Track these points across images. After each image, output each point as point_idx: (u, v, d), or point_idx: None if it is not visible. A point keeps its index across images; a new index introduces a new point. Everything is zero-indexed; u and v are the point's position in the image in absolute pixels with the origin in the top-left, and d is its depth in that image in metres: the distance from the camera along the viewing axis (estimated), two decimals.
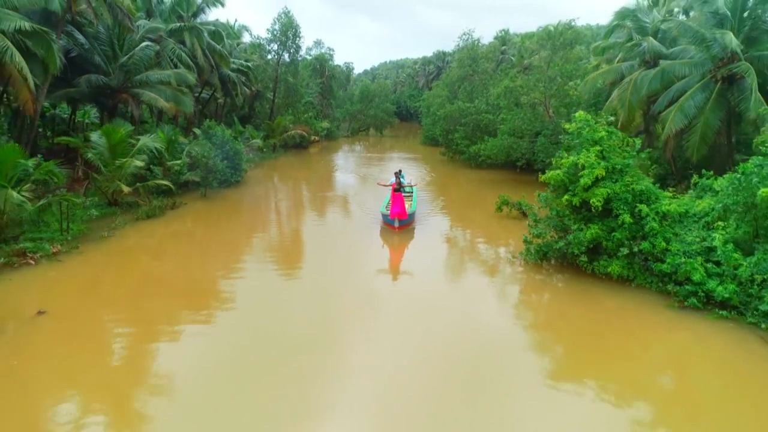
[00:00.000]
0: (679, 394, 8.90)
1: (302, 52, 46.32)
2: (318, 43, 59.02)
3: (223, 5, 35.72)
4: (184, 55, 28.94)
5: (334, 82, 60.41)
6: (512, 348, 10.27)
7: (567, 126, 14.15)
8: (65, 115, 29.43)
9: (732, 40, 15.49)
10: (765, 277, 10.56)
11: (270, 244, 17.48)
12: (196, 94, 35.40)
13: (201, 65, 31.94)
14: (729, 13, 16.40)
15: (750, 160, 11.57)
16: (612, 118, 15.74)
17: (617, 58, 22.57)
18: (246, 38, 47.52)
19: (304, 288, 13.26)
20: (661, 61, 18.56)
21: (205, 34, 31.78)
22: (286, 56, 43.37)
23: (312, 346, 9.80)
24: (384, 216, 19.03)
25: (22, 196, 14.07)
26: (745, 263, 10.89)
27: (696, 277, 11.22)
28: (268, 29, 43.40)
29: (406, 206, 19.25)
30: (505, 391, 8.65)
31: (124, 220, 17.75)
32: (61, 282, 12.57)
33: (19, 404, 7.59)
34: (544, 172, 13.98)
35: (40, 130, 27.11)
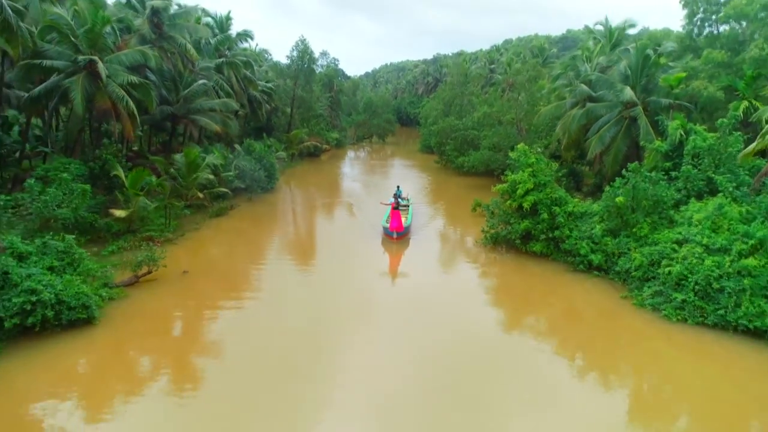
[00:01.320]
0: (566, 315, 15.93)
1: (316, 69, 53.34)
2: (324, 54, 66.05)
3: (252, 38, 42.84)
4: (225, 84, 36.04)
5: (342, 95, 67.36)
6: (477, 302, 17.11)
7: (511, 153, 21.10)
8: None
9: (630, 93, 22.44)
10: (620, 251, 17.49)
11: (295, 240, 24.42)
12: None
13: (236, 90, 38.99)
14: (631, 73, 23.33)
15: (617, 180, 18.54)
16: (540, 150, 22.68)
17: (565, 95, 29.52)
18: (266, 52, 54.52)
19: (318, 282, 18.45)
20: (588, 104, 25.44)
21: (241, 66, 38.83)
22: (301, 77, 50.31)
23: (316, 330, 16.34)
24: (384, 228, 23.12)
25: (147, 200, 21.06)
26: (610, 243, 17.83)
27: (583, 251, 18.16)
28: (287, 56, 50.51)
29: (403, 220, 23.17)
30: (473, 329, 15.62)
31: (202, 217, 24.74)
32: (184, 256, 19.52)
33: (189, 308, 14.61)
34: None
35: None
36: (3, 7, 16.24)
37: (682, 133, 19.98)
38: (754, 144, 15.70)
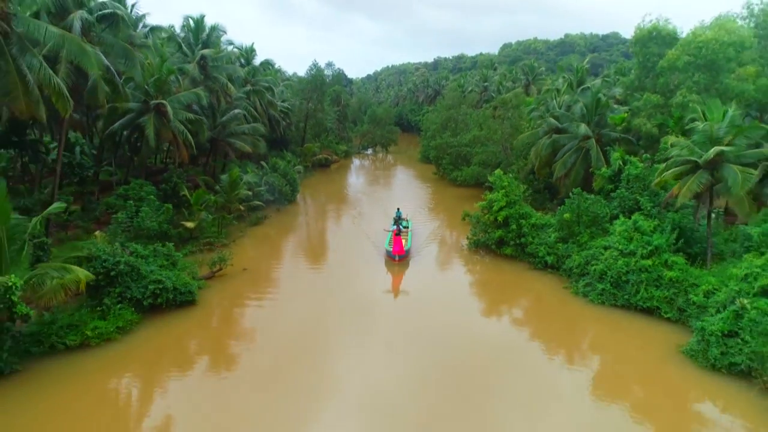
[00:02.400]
0: (528, 301, 22.02)
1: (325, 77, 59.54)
2: (329, 65, 72.25)
3: (273, 66, 48.93)
4: (252, 110, 42.17)
5: (349, 110, 73.49)
6: (463, 293, 23.15)
7: (490, 178, 27.15)
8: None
9: (585, 128, 28.51)
10: (567, 254, 23.54)
11: (316, 247, 30.53)
12: None
13: (259, 112, 45.12)
14: (586, 111, 29.42)
15: (566, 201, 24.61)
16: (516, 170, 28.69)
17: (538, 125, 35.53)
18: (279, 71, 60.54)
19: (334, 282, 24.84)
20: (554, 135, 31.46)
21: (265, 92, 44.97)
22: (314, 97, 56.45)
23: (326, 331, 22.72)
24: (387, 251, 26.18)
25: (207, 213, 27.16)
26: (561, 248, 23.88)
27: (541, 254, 24.22)
28: (302, 78, 56.60)
29: (403, 243, 26.13)
30: (456, 310, 21.71)
31: (244, 226, 30.84)
32: (238, 257, 25.58)
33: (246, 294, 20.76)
34: None
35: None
36: (114, 77, 22.20)
37: (621, 162, 26.01)
38: (658, 179, 21.69)
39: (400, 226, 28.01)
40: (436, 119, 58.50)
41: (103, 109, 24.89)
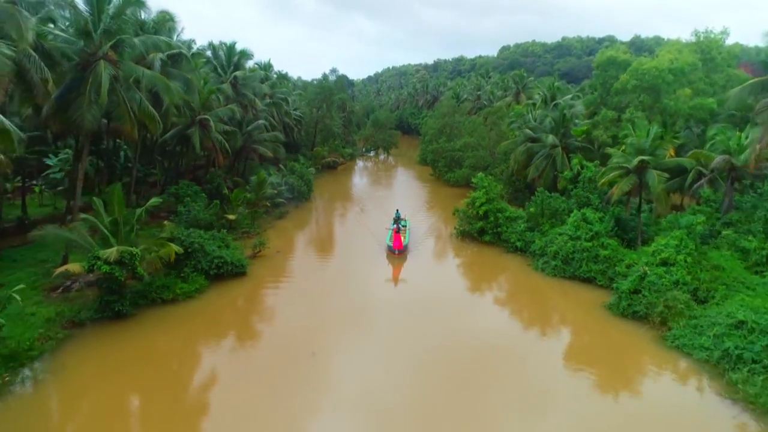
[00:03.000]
0: (502, 276, 28.34)
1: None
2: (334, 71, 78.53)
3: (288, 79, 55.17)
4: (271, 119, 48.43)
5: (353, 116, 79.77)
6: (452, 274, 29.44)
7: (473, 179, 33.37)
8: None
9: (553, 138, 34.73)
10: (532, 240, 29.78)
11: (328, 238, 36.74)
12: None
13: (276, 121, 51.39)
14: (555, 124, 35.70)
15: (532, 198, 30.87)
16: (491, 177, 34.92)
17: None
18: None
19: (338, 280, 31.72)
20: (529, 143, 37.68)
21: (282, 104, 51.25)
22: (323, 107, 62.76)
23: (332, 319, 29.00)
24: (388, 246, 31.26)
25: (243, 208, 33.42)
26: (528, 235, 30.15)
27: (513, 240, 30.50)
28: (308, 84, 62.79)
29: (402, 239, 31.07)
30: (450, 292, 28.03)
31: (270, 219, 37.08)
32: (270, 243, 31.84)
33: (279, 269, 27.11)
34: None
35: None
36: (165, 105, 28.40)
37: (579, 167, 32.25)
38: (601, 181, 27.90)
39: (399, 225, 32.72)
40: (434, 125, 64.86)
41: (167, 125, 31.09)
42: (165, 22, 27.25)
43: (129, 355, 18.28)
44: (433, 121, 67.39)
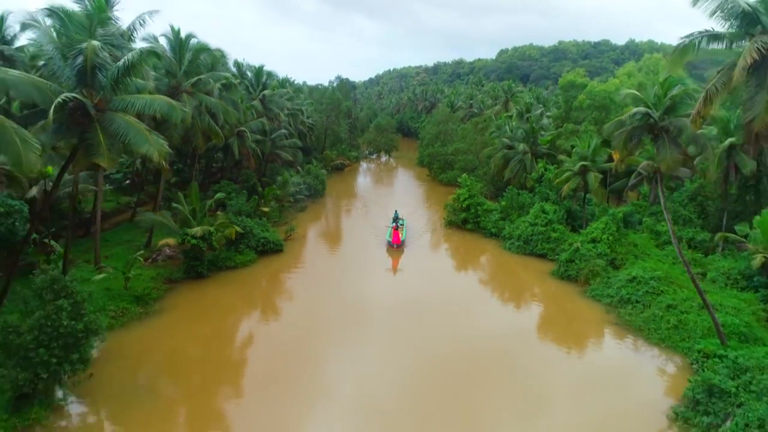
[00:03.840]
0: (481, 256, 36.60)
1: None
2: (339, 78, 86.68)
3: (303, 92, 63.39)
4: (289, 128, 56.69)
5: (358, 122, 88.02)
6: (442, 255, 37.70)
7: (459, 179, 41.57)
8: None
9: (523, 146, 42.93)
10: (503, 227, 37.98)
11: (340, 229, 44.97)
12: None
13: (294, 128, 59.63)
14: (526, 134, 43.91)
15: (504, 194, 39.13)
16: (475, 178, 43.09)
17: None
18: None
19: (345, 266, 40.15)
20: (505, 150, 45.84)
21: (299, 115, 59.49)
22: (332, 115, 71.03)
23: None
24: (388, 241, 36.83)
25: (274, 203, 41.67)
26: (501, 223, 38.38)
27: (489, 227, 38.75)
28: (318, 93, 71.03)
29: (400, 235, 36.90)
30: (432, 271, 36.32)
31: (294, 212, 45.31)
32: (299, 228, 40.03)
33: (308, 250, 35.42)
34: None
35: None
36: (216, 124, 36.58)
37: (543, 170, 40.44)
38: (555, 181, 36.04)
39: (398, 224, 38.84)
40: (431, 131, 73.13)
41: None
42: (220, 57, 35.40)
43: (206, 302, 26.43)
44: (430, 127, 75.62)
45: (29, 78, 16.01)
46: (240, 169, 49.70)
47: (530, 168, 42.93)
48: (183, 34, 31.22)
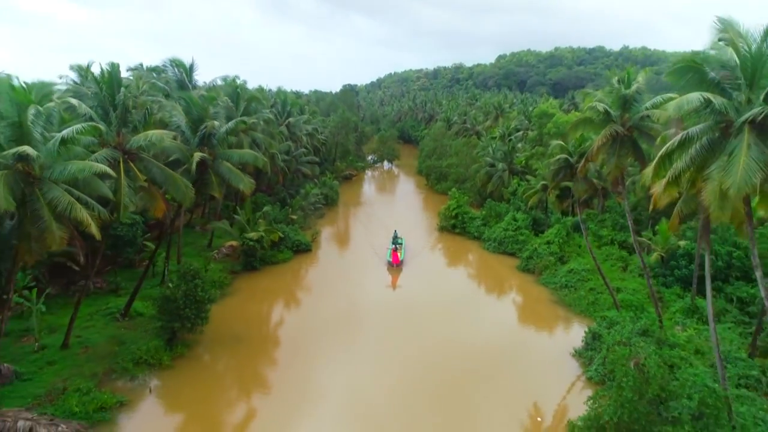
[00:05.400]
0: (469, 255, 46.63)
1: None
2: (345, 86, 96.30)
3: (318, 115, 73.40)
4: (308, 146, 66.76)
5: (364, 136, 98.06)
6: (438, 254, 47.71)
7: (450, 192, 51.48)
8: None
9: (503, 165, 52.81)
10: (483, 231, 47.92)
11: (352, 234, 55.00)
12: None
13: (310, 145, 69.64)
14: (504, 155, 53.77)
15: (484, 205, 49.14)
16: (463, 190, 53.02)
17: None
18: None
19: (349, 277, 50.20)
20: (488, 168, 55.67)
21: (316, 134, 69.48)
22: (342, 132, 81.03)
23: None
24: (388, 261, 41.45)
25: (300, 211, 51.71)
26: (482, 228, 48.34)
27: (472, 231, 48.72)
28: (329, 111, 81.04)
29: (399, 255, 41.50)
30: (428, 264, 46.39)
31: (316, 217, 55.33)
32: (325, 227, 50.02)
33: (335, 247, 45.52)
34: None
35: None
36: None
37: (517, 184, 50.35)
38: (524, 195, 45.88)
39: (396, 244, 44.10)
40: (428, 145, 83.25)
41: None
42: (262, 98, 45.48)
43: (259, 287, 36.39)
44: (428, 141, 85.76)
45: (176, 143, 26.00)
46: (270, 185, 59.63)
47: (507, 183, 52.87)
48: (238, 84, 41.22)
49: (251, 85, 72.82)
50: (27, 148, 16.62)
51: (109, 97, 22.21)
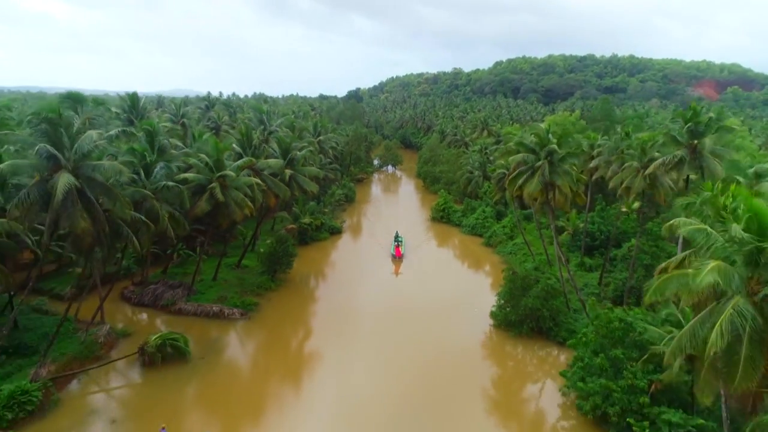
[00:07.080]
0: (462, 246, 65.87)
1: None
2: (350, 92, 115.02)
3: (329, 131, 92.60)
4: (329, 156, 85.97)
5: (372, 145, 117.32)
6: (431, 245, 66.85)
7: (439, 192, 70.57)
8: None
9: (478, 172, 71.90)
10: (462, 220, 66.98)
11: (365, 228, 74.16)
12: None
13: (331, 155, 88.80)
14: (479, 165, 72.80)
15: (464, 202, 68.36)
16: (449, 190, 72.04)
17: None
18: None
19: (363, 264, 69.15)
20: (468, 174, 74.52)
21: (336, 146, 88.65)
22: (354, 144, 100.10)
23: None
24: (391, 255, 56.36)
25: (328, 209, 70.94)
26: (462, 218, 67.46)
27: (455, 220, 67.85)
28: (343, 127, 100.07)
29: (401, 250, 57.26)
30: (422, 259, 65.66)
31: (340, 211, 74.46)
32: (348, 218, 69.01)
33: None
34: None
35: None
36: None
37: (487, 187, 69.39)
38: (493, 194, 64.79)
39: (398, 242, 60.35)
40: (426, 153, 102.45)
41: None
42: (309, 128, 64.54)
43: (311, 256, 55.43)
44: (425, 150, 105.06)
45: (280, 162, 45.18)
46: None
47: (481, 186, 71.88)
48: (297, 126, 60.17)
49: (269, 93, 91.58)
50: (228, 172, 35.81)
51: (247, 140, 41.43)
